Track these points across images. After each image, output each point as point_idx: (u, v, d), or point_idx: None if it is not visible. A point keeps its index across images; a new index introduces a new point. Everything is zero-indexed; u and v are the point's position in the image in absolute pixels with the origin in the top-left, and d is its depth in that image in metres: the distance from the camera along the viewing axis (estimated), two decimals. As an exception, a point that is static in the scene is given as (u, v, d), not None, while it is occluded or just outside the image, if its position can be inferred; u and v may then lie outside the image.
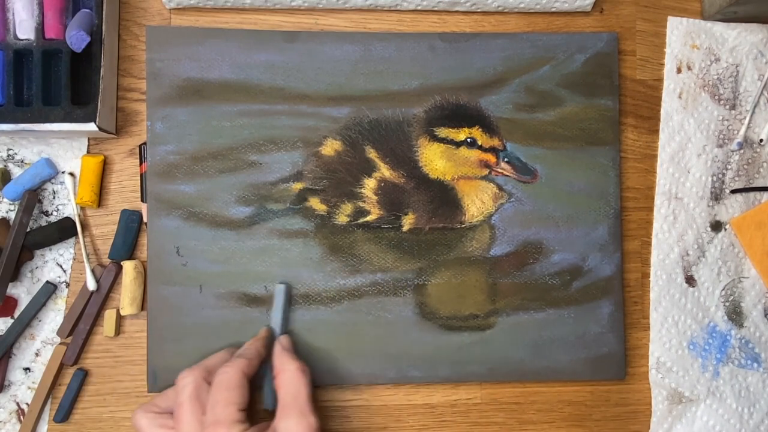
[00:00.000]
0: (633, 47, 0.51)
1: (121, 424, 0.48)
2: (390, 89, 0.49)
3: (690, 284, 0.50)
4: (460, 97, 0.49)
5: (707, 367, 0.50)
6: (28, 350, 0.48)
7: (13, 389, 0.47)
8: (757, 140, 0.51)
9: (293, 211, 0.48)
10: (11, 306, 0.47)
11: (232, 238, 0.47)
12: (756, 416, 0.50)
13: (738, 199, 0.51)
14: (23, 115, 0.45)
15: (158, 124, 0.47)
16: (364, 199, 0.48)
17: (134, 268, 0.47)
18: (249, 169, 0.48)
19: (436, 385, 0.50)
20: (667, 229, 0.50)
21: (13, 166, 0.48)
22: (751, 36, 0.51)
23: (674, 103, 0.51)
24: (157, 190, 0.47)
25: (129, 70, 0.49)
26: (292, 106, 0.48)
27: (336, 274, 0.48)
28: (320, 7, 0.49)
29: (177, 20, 0.49)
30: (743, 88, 0.51)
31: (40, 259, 0.48)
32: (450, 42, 0.49)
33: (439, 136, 0.49)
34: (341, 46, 0.48)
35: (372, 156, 0.48)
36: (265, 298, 0.47)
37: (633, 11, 0.51)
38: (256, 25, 0.49)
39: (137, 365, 0.48)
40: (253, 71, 0.48)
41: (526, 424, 0.50)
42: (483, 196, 0.49)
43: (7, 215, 0.48)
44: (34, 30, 0.46)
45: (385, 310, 0.48)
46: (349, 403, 0.49)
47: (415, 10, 0.50)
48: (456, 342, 0.48)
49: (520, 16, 0.51)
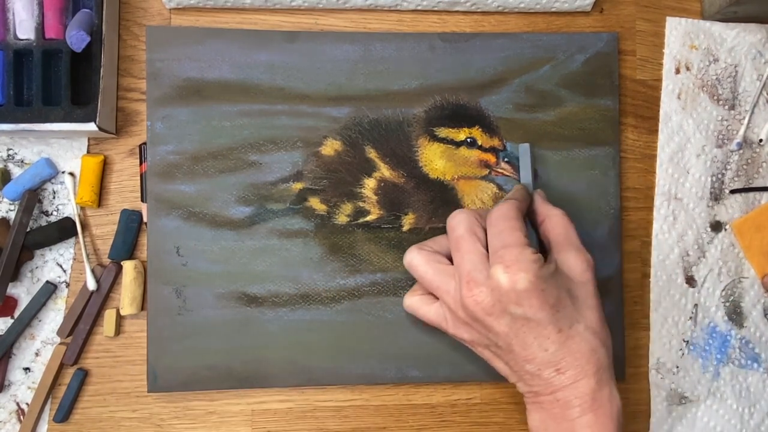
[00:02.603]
0: (633, 47, 0.51)
1: (121, 424, 0.48)
2: (390, 89, 0.49)
3: (690, 284, 0.50)
4: (460, 97, 0.49)
5: (708, 367, 0.50)
6: (28, 350, 0.48)
7: (13, 389, 0.47)
8: (757, 140, 0.51)
9: (293, 211, 0.48)
10: (11, 306, 0.47)
11: (232, 238, 0.47)
12: (756, 416, 0.50)
13: (738, 199, 0.51)
14: (23, 115, 0.45)
15: (158, 124, 0.47)
16: (364, 199, 0.48)
17: (134, 268, 0.47)
18: (249, 169, 0.48)
19: (436, 385, 0.50)
20: (667, 229, 0.50)
21: (13, 166, 0.48)
22: (749, 36, 0.51)
23: (673, 103, 0.51)
24: (157, 190, 0.47)
25: (129, 70, 0.49)
26: (292, 106, 0.48)
27: (336, 274, 0.48)
28: (320, 7, 0.49)
29: (177, 20, 0.49)
30: (742, 89, 0.51)
31: (40, 259, 0.48)
32: (450, 42, 0.49)
33: (439, 136, 0.49)
34: (341, 46, 0.48)
35: (372, 156, 0.48)
36: (265, 297, 0.47)
37: (633, 11, 0.51)
38: (256, 25, 0.49)
39: (137, 365, 0.48)
40: (253, 71, 0.48)
41: (526, 424, 0.50)
42: (483, 196, 0.49)
43: (7, 215, 0.48)
44: (34, 30, 0.46)
45: (385, 310, 0.48)
46: (349, 403, 0.49)
47: (415, 10, 0.50)
48: (456, 342, 0.48)
49: (520, 16, 0.51)
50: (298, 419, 0.49)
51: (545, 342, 0.39)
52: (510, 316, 0.39)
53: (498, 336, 0.40)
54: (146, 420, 0.48)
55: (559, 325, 0.39)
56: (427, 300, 0.44)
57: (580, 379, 0.39)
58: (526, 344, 0.39)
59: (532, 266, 0.38)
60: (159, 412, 0.48)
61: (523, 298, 0.38)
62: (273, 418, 0.49)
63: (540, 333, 0.39)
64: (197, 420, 0.48)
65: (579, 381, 0.39)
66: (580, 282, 0.41)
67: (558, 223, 0.43)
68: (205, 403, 0.48)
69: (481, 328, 0.40)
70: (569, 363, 0.39)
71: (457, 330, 0.42)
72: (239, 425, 0.48)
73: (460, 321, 0.41)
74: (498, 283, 0.38)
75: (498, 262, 0.39)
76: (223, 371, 0.47)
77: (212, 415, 0.48)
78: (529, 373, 0.40)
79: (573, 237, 0.42)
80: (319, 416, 0.49)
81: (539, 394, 0.40)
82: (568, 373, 0.39)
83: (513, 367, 0.41)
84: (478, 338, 0.41)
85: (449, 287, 0.41)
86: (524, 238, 0.40)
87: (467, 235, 0.41)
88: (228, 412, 0.48)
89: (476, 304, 0.39)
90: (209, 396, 0.48)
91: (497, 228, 0.40)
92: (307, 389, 0.49)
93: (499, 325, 0.39)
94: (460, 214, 0.42)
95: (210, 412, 0.48)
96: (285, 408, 0.49)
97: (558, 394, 0.39)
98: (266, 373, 0.47)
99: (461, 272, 0.40)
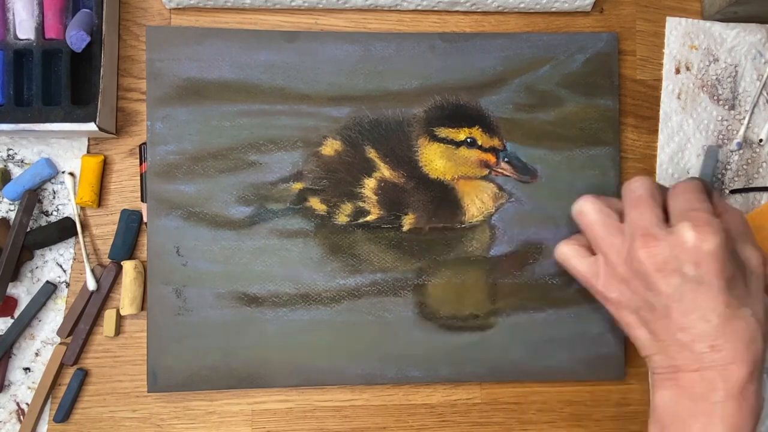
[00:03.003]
0: (633, 47, 0.51)
1: (121, 424, 0.48)
2: (390, 89, 0.49)
3: (690, 284, 0.50)
4: (460, 97, 0.49)
5: (707, 367, 0.50)
6: (28, 350, 0.48)
7: (13, 389, 0.47)
8: (757, 140, 0.51)
9: (293, 211, 0.48)
10: (11, 306, 0.47)
11: (232, 238, 0.47)
12: (756, 416, 0.50)
13: (737, 199, 0.51)
14: (23, 115, 0.45)
15: (158, 124, 0.47)
16: (364, 199, 0.48)
17: (134, 268, 0.47)
18: (249, 169, 0.48)
19: (436, 385, 0.50)
20: (667, 229, 0.50)
21: (13, 166, 0.48)
22: (749, 36, 0.51)
23: (673, 103, 0.51)
24: (157, 190, 0.47)
25: (129, 70, 0.49)
26: (292, 106, 0.48)
27: (336, 274, 0.48)
28: (320, 7, 0.49)
29: (177, 20, 0.49)
30: (742, 89, 0.51)
31: (40, 259, 0.48)
32: (450, 42, 0.49)
33: (439, 136, 0.49)
34: (341, 46, 0.48)
35: (372, 156, 0.48)
36: (265, 297, 0.47)
37: (633, 11, 0.51)
38: (256, 25, 0.49)
39: (137, 365, 0.48)
40: (253, 71, 0.48)
41: (526, 424, 0.50)
42: (483, 196, 0.49)
43: (7, 215, 0.48)
44: (34, 30, 0.46)
45: (385, 310, 0.48)
46: (349, 403, 0.49)
47: (415, 10, 0.50)
48: (456, 342, 0.48)
49: (520, 16, 0.51)
50: (298, 419, 0.49)
51: (710, 313, 0.37)
52: (681, 278, 0.38)
53: (659, 296, 0.38)
54: (146, 420, 0.48)
55: (729, 300, 0.37)
56: (582, 252, 0.43)
57: (734, 363, 0.37)
58: (688, 310, 0.38)
59: (721, 233, 0.37)
60: (159, 412, 0.48)
61: (703, 260, 0.37)
62: (273, 418, 0.49)
63: (707, 301, 0.37)
64: (197, 420, 0.48)
65: (731, 365, 0.37)
66: (755, 273, 0.40)
67: (738, 218, 0.42)
68: (205, 403, 0.48)
69: (641, 286, 0.39)
70: (727, 342, 0.37)
71: (608, 287, 0.41)
72: (239, 425, 0.48)
73: (617, 278, 0.40)
74: (682, 239, 0.37)
75: (686, 220, 0.38)
76: (223, 371, 0.47)
77: (212, 415, 0.48)
78: (678, 344, 0.38)
79: (750, 234, 0.42)
80: (319, 416, 0.49)
81: (680, 369, 0.38)
82: (723, 353, 0.37)
83: (660, 335, 0.39)
84: (630, 298, 0.40)
85: (615, 240, 0.41)
86: (712, 209, 0.40)
87: (647, 196, 0.41)
88: (228, 412, 0.48)
89: (650, 257, 0.38)
90: (209, 396, 0.48)
91: (685, 196, 0.40)
92: (307, 389, 0.49)
93: (666, 284, 0.38)
94: (643, 178, 0.42)
95: (210, 412, 0.48)
96: (285, 408, 0.49)
97: (705, 372, 0.37)
98: (266, 373, 0.47)
99: (637, 227, 0.39)
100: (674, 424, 0.38)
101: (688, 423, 0.38)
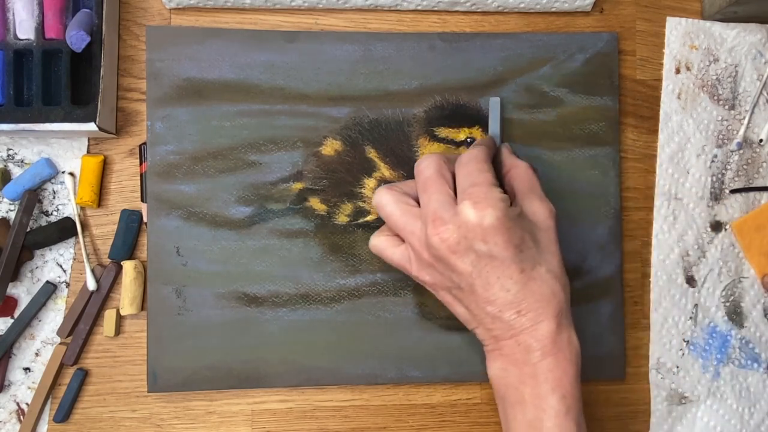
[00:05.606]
0: (633, 47, 0.51)
1: (121, 424, 0.48)
2: (390, 89, 0.49)
3: (690, 284, 0.50)
4: (460, 97, 0.49)
5: (708, 367, 0.50)
6: (28, 350, 0.48)
7: (13, 389, 0.47)
8: (757, 140, 0.51)
9: (293, 211, 0.48)
10: (11, 306, 0.47)
11: (232, 238, 0.47)
12: (756, 416, 0.50)
13: (738, 199, 0.51)
14: (23, 115, 0.45)
15: (158, 124, 0.47)
16: (364, 199, 0.48)
17: (134, 268, 0.47)
18: (249, 169, 0.48)
19: (436, 385, 0.50)
20: (667, 229, 0.50)
21: (13, 166, 0.48)
22: (749, 36, 0.51)
23: (673, 103, 0.51)
24: (157, 190, 0.47)
25: (129, 70, 0.49)
26: (292, 106, 0.48)
27: (336, 274, 0.48)
28: (320, 7, 0.49)
29: (177, 20, 0.49)
30: (742, 89, 0.51)
31: (40, 259, 0.48)
32: (450, 42, 0.49)
33: (439, 136, 0.49)
34: (341, 46, 0.48)
35: (372, 156, 0.48)
36: (265, 297, 0.47)
37: (633, 11, 0.51)
38: (256, 25, 0.49)
39: (137, 365, 0.48)
40: (253, 71, 0.48)
41: (526, 424, 0.50)
42: (483, 196, 0.49)
43: (7, 215, 0.48)
44: (34, 30, 0.46)
45: (385, 310, 0.48)
46: (349, 403, 0.49)
47: (415, 10, 0.50)
48: (456, 342, 0.48)
49: (520, 16, 0.51)
50: (298, 419, 0.49)
51: (507, 282, 0.39)
52: (474, 254, 0.39)
53: (461, 276, 0.40)
54: (146, 420, 0.48)
55: (522, 266, 0.39)
56: (393, 241, 0.44)
57: (541, 321, 0.39)
58: (488, 284, 0.39)
59: (499, 204, 0.39)
60: (159, 412, 0.48)
61: (489, 235, 0.38)
62: (273, 418, 0.49)
63: (503, 272, 0.39)
64: (197, 420, 0.48)
65: (539, 323, 0.39)
66: (543, 228, 0.41)
67: (524, 172, 0.44)
68: (205, 403, 0.48)
69: (444, 268, 0.40)
70: (530, 305, 0.39)
71: (421, 272, 0.42)
72: (239, 425, 0.48)
73: (424, 263, 0.41)
74: (465, 219, 0.38)
75: (466, 199, 0.39)
76: (223, 371, 0.47)
77: (212, 415, 0.48)
78: (490, 316, 0.40)
79: (537, 187, 0.43)
80: (319, 416, 0.49)
81: (499, 338, 0.40)
82: (528, 315, 0.39)
83: (473, 311, 0.41)
84: (440, 280, 0.41)
85: (415, 228, 0.41)
86: (492, 179, 0.40)
87: (435, 176, 0.41)
88: (228, 412, 0.48)
89: (442, 241, 0.39)
90: (209, 396, 0.48)
91: (466, 169, 0.41)
92: (307, 389, 0.49)
93: (463, 263, 0.39)
94: (429, 158, 0.42)
95: (210, 412, 0.48)
96: (285, 408, 0.49)
97: (519, 337, 0.39)
98: (266, 373, 0.47)
99: (427, 211, 0.40)
100: (509, 393, 0.40)
101: (520, 389, 0.40)
